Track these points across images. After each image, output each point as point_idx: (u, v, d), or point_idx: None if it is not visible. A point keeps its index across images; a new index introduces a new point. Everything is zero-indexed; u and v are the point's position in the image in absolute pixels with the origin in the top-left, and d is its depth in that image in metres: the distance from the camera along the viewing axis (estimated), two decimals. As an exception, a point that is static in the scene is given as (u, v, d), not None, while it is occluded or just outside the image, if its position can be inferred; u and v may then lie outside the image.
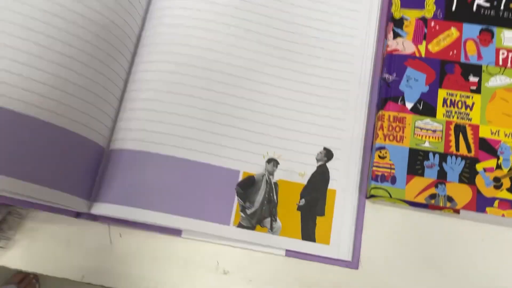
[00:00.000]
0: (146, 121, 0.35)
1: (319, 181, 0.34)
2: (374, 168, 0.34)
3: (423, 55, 0.36)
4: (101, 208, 0.34)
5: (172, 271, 0.35)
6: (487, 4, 0.38)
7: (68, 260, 0.36)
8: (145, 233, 0.36)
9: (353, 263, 0.33)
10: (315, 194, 0.34)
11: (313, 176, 0.34)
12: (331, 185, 0.34)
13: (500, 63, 0.36)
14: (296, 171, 0.34)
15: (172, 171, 0.34)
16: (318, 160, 0.34)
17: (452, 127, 0.34)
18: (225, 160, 0.34)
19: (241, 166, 0.34)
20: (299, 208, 0.33)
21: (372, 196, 0.34)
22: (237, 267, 0.35)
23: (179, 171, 0.34)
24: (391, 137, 0.35)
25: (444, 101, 0.35)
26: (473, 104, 0.35)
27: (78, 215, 0.35)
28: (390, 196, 0.33)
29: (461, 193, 0.33)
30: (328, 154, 0.35)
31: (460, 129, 0.34)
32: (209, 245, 0.36)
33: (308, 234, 0.33)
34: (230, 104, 0.35)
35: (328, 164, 0.34)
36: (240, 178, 0.34)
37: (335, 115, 0.36)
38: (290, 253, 0.34)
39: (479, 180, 0.33)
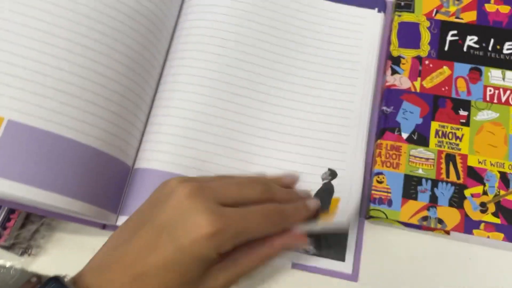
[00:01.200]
0: (171, 145, 0.39)
1: (325, 197, 0.38)
2: (373, 192, 0.38)
3: (418, 90, 0.41)
4: (126, 221, 0.37)
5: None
6: (477, 46, 0.42)
7: (92, 268, 0.40)
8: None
9: (353, 276, 0.37)
10: (322, 208, 0.37)
11: (319, 192, 0.38)
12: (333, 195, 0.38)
13: (488, 99, 0.40)
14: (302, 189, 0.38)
15: None
16: (323, 179, 0.38)
17: (443, 156, 0.38)
18: None
19: None
20: None
21: (370, 216, 0.38)
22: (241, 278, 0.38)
23: None
24: (388, 164, 0.38)
25: (436, 132, 0.39)
26: (462, 135, 0.39)
27: (104, 226, 0.39)
28: (387, 217, 0.37)
29: (451, 216, 0.37)
30: (332, 174, 0.38)
31: (450, 158, 0.38)
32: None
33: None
34: (239, 131, 0.40)
35: (333, 182, 0.38)
36: None
37: (338, 139, 0.39)
38: (296, 266, 0.37)
39: (467, 205, 0.37)
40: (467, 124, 0.39)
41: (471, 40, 0.42)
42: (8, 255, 0.39)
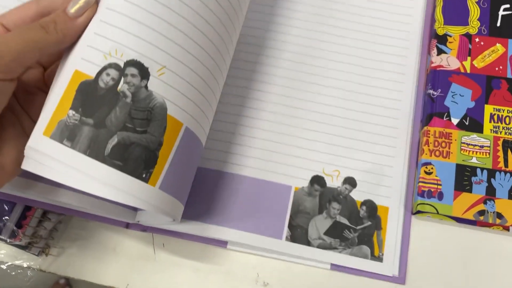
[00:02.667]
0: (207, 139, 0.36)
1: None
2: (420, 184, 0.34)
3: (468, 71, 0.36)
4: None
5: (213, 282, 0.36)
6: (532, 20, 0.37)
7: (113, 269, 0.37)
8: (187, 243, 0.36)
9: (400, 278, 0.33)
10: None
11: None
12: (384, 202, 0.34)
13: (548, 79, 0.36)
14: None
15: (226, 186, 0.35)
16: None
17: (500, 142, 0.34)
18: (279, 176, 0.35)
19: (293, 182, 0.35)
20: None
21: (418, 212, 0.34)
22: (277, 279, 0.35)
23: (234, 187, 0.35)
24: (437, 153, 0.34)
25: (491, 116, 0.35)
26: (521, 120, 0.35)
27: (127, 225, 0.36)
28: (437, 212, 0.33)
29: (511, 210, 0.32)
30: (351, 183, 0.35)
31: (508, 145, 0.34)
32: (250, 257, 0.36)
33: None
34: (286, 123, 0.37)
35: (382, 182, 0.35)
36: (292, 193, 0.35)
37: (387, 132, 0.36)
38: (335, 267, 0.34)
39: (529, 197, 0.33)
40: (525, 107, 0.35)
41: (526, 14, 0.38)
42: (24, 256, 0.37)
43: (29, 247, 0.36)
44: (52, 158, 0.24)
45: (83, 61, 0.25)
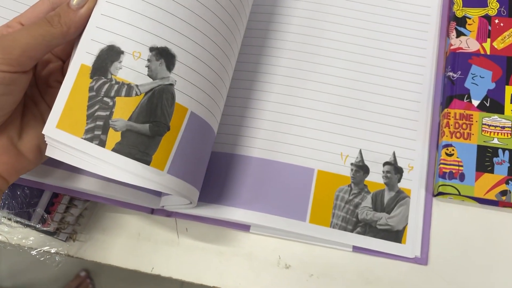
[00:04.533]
0: (230, 126, 0.37)
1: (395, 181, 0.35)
2: (442, 166, 0.34)
3: (488, 53, 0.36)
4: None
5: (235, 265, 0.36)
6: (553, 0, 0.37)
7: (138, 253, 0.38)
8: (210, 227, 0.37)
9: (422, 260, 0.33)
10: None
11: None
12: (406, 185, 0.35)
13: None
14: (373, 171, 0.35)
15: (249, 170, 0.35)
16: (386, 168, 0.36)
17: (521, 123, 0.34)
18: (301, 159, 0.36)
19: (316, 165, 0.35)
20: None
21: (439, 193, 0.34)
22: (298, 262, 0.36)
23: (256, 169, 0.35)
24: (458, 135, 0.35)
25: (512, 97, 0.35)
26: (542, 100, 0.35)
27: (152, 211, 0.37)
28: (459, 193, 0.33)
29: (534, 190, 0.32)
30: (397, 171, 0.35)
31: (530, 126, 0.34)
32: (271, 240, 0.36)
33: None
34: (306, 107, 0.37)
35: (403, 165, 0.35)
36: (315, 176, 0.35)
37: (408, 116, 0.36)
38: (357, 249, 0.34)
39: (552, 177, 0.33)
40: (547, 87, 0.35)
41: (547, -6, 0.37)
42: (52, 242, 0.38)
43: (57, 233, 0.37)
44: (64, 144, 0.26)
45: (88, 55, 0.27)
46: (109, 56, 0.27)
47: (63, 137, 0.26)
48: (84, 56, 0.27)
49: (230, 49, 0.32)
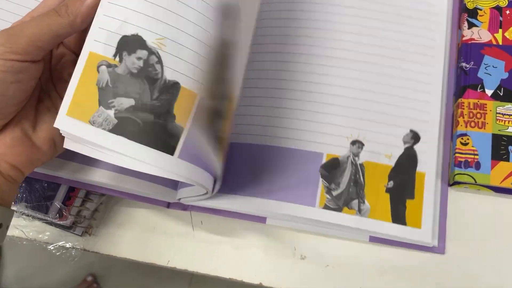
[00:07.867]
0: (239, 115, 0.37)
1: (407, 164, 0.34)
2: (457, 155, 0.34)
3: (500, 43, 0.36)
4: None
5: (250, 257, 0.36)
6: None
7: (154, 247, 0.38)
8: (224, 220, 0.37)
9: (440, 248, 0.33)
10: (404, 177, 0.34)
11: (401, 158, 0.34)
12: (420, 168, 0.34)
13: None
14: (382, 153, 0.35)
15: (257, 158, 0.35)
16: (405, 143, 0.35)
17: (536, 112, 0.34)
18: (309, 144, 0.35)
19: (325, 149, 0.35)
20: (388, 190, 0.34)
21: (455, 182, 0.34)
22: (314, 253, 0.36)
23: (265, 157, 0.35)
24: (472, 124, 0.35)
25: (526, 86, 0.35)
26: (556, 89, 0.35)
27: (168, 205, 0.37)
28: (475, 182, 0.33)
29: (550, 178, 0.32)
30: (415, 137, 0.35)
31: (544, 114, 0.34)
32: (286, 232, 0.36)
33: (398, 217, 0.33)
34: (314, 91, 0.37)
35: (416, 147, 0.35)
36: (324, 161, 0.35)
37: (421, 98, 0.36)
38: (374, 239, 0.34)
39: None
40: (560, 76, 0.35)
41: (557, -15, 0.37)
42: (68, 236, 0.38)
43: (73, 228, 0.38)
44: (74, 135, 0.26)
45: (96, 43, 0.27)
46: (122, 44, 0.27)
47: (73, 123, 0.26)
48: (92, 43, 0.27)
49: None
